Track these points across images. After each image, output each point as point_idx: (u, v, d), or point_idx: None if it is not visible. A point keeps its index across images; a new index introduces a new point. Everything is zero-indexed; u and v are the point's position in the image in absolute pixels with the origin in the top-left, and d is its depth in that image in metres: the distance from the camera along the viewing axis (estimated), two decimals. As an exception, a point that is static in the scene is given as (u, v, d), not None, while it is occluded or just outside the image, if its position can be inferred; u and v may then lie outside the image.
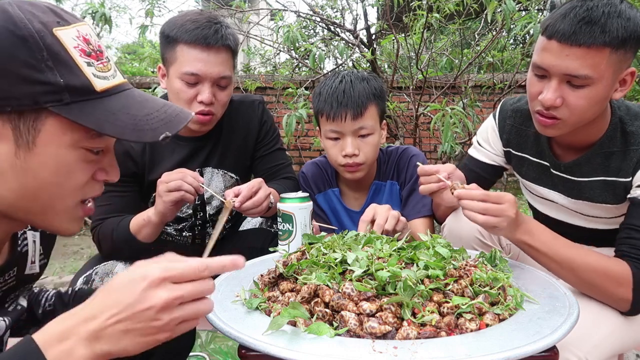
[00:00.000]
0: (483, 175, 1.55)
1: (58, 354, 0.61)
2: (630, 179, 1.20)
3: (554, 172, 1.36)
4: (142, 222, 1.47)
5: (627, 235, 1.16)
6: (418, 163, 1.31)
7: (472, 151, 1.60)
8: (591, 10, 1.09)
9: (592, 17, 1.08)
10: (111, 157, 0.80)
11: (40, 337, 0.63)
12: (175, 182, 1.35)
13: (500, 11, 2.82)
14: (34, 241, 0.92)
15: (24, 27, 0.67)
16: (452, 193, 1.15)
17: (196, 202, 1.73)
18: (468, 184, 1.19)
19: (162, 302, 0.64)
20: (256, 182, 1.46)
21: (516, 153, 1.47)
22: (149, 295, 0.64)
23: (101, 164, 0.78)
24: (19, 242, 0.87)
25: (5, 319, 0.85)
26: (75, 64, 0.70)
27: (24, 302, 0.94)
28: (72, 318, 0.64)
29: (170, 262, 0.67)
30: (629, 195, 1.21)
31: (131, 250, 1.48)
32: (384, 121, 1.64)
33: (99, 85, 0.72)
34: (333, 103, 1.51)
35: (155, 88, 3.61)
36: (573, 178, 1.32)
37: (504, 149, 1.51)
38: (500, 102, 1.55)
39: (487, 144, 1.55)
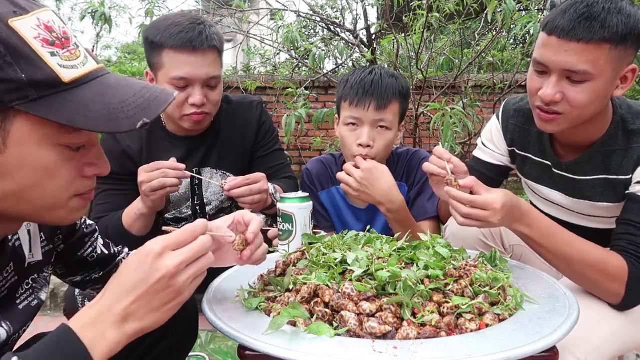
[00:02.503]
0: (489, 176, 1.55)
1: (92, 338, 0.66)
2: (631, 176, 1.21)
3: (556, 171, 1.36)
4: (134, 216, 1.48)
5: (624, 231, 1.16)
6: (438, 150, 1.30)
7: (477, 152, 1.60)
8: (591, 7, 1.09)
9: (592, 13, 1.08)
10: (98, 150, 0.76)
11: (74, 324, 0.68)
12: (157, 181, 1.38)
13: (500, 11, 2.81)
14: (28, 230, 0.89)
15: None
16: (445, 185, 1.15)
17: (195, 203, 1.73)
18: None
19: (171, 269, 0.70)
20: (258, 175, 1.49)
21: (520, 152, 1.47)
22: (156, 267, 0.69)
23: (86, 158, 0.74)
24: (9, 237, 0.84)
25: (6, 324, 0.82)
26: (37, 56, 0.64)
27: (43, 296, 0.93)
28: (98, 305, 0.69)
29: (166, 235, 0.74)
30: (627, 191, 1.21)
31: (129, 243, 1.50)
32: (403, 123, 1.65)
33: (67, 75, 0.67)
34: (359, 90, 1.52)
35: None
36: (574, 177, 1.32)
37: (509, 149, 1.51)
38: (503, 102, 1.55)
39: (492, 144, 1.55)
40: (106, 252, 1.11)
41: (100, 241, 1.11)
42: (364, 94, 1.51)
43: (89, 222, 1.10)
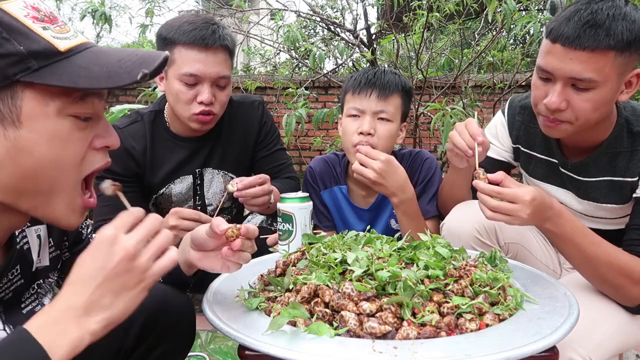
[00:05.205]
0: (490, 171, 1.55)
1: (53, 338, 0.63)
2: (637, 178, 1.20)
3: (562, 170, 1.36)
4: None
5: (638, 237, 1.15)
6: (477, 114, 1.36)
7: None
8: (595, 14, 1.07)
9: (597, 20, 1.07)
10: (105, 123, 0.78)
11: (32, 324, 0.64)
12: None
13: (500, 11, 2.81)
14: (38, 235, 0.90)
15: None
16: (473, 179, 1.12)
17: (196, 204, 1.73)
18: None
19: (130, 249, 0.69)
20: (263, 176, 1.49)
21: (525, 150, 1.47)
22: (114, 250, 0.68)
23: (95, 130, 0.76)
24: (18, 239, 0.85)
25: (9, 328, 0.82)
26: (31, 30, 0.68)
27: (47, 302, 0.92)
28: (57, 303, 0.67)
29: (114, 220, 0.73)
30: (635, 195, 1.21)
31: None
32: (405, 123, 1.67)
33: (62, 45, 0.70)
34: (362, 81, 1.58)
35: (156, 88, 3.61)
36: (579, 178, 1.32)
37: (513, 146, 1.51)
38: (509, 99, 1.55)
39: (496, 140, 1.54)
40: None
41: None
42: (367, 83, 1.56)
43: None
